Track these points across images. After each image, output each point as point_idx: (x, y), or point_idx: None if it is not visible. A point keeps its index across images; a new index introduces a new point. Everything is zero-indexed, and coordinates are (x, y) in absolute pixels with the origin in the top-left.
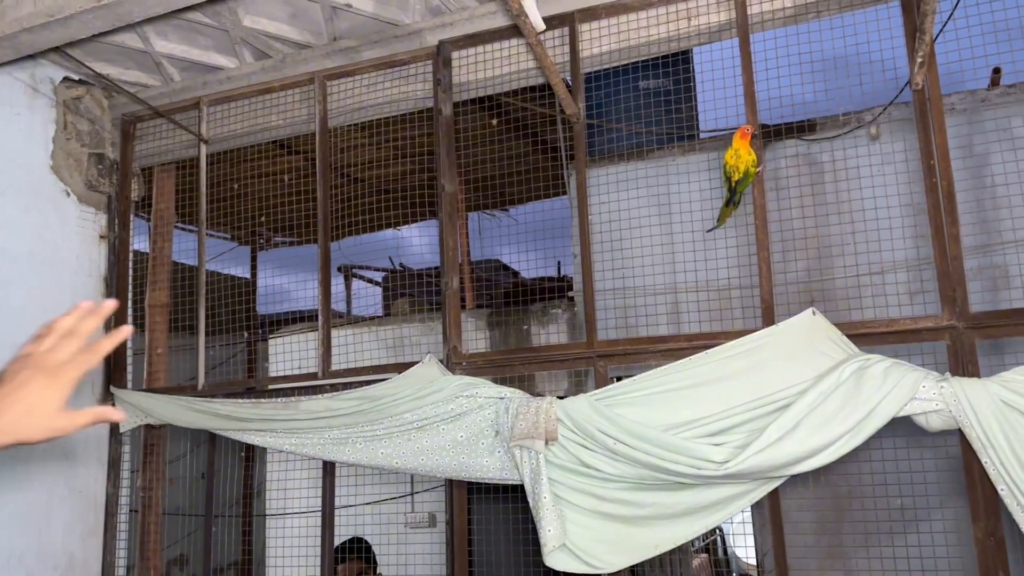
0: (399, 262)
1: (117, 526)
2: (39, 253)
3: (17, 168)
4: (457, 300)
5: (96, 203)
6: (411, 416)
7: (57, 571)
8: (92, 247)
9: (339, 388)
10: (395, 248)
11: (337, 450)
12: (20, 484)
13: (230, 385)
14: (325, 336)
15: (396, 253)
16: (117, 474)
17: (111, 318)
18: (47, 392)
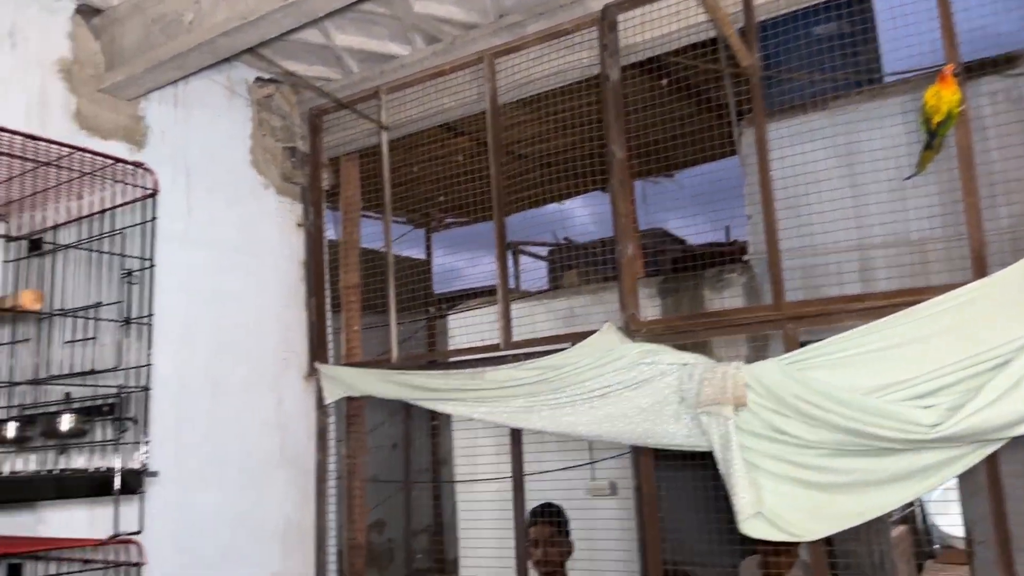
0: (564, 236)
1: (327, 491)
2: (246, 243)
3: (222, 166)
4: (633, 267)
5: (291, 194)
6: (593, 384)
7: (276, 532)
8: (291, 235)
9: (521, 358)
10: (560, 222)
11: (524, 418)
12: (242, 455)
13: (417, 358)
14: (505, 309)
15: (561, 227)
16: (324, 443)
17: (314, 298)
18: None
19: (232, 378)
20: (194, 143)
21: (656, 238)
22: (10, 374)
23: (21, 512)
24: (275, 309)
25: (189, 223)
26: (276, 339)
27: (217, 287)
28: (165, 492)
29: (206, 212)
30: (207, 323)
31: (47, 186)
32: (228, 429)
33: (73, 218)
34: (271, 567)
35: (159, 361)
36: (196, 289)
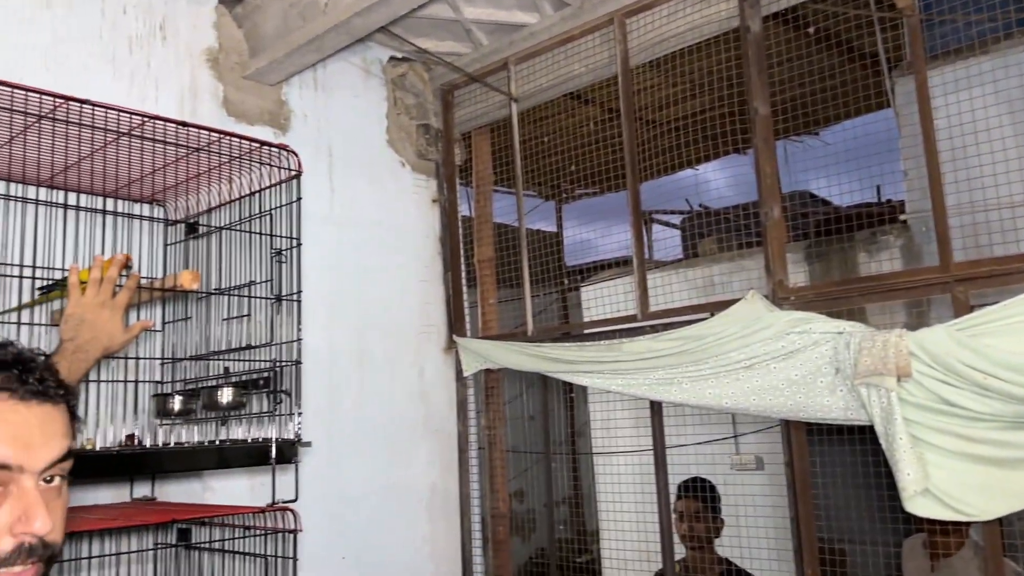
0: (699, 202)
1: (468, 461)
2: (384, 220)
3: (361, 146)
4: (780, 230)
5: (426, 170)
6: (738, 355)
7: (422, 499)
8: (426, 211)
9: (658, 329)
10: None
11: (664, 390)
12: (388, 425)
13: (552, 330)
14: (641, 278)
15: (695, 193)
16: (465, 414)
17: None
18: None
19: (377, 351)
20: (334, 125)
21: (799, 201)
22: (173, 351)
23: (190, 480)
24: (414, 284)
25: (332, 203)
26: (416, 313)
27: (360, 264)
28: (317, 461)
29: (347, 192)
30: (352, 299)
31: (199, 171)
32: (375, 400)
33: (224, 201)
34: (419, 533)
35: (309, 336)
36: (341, 266)
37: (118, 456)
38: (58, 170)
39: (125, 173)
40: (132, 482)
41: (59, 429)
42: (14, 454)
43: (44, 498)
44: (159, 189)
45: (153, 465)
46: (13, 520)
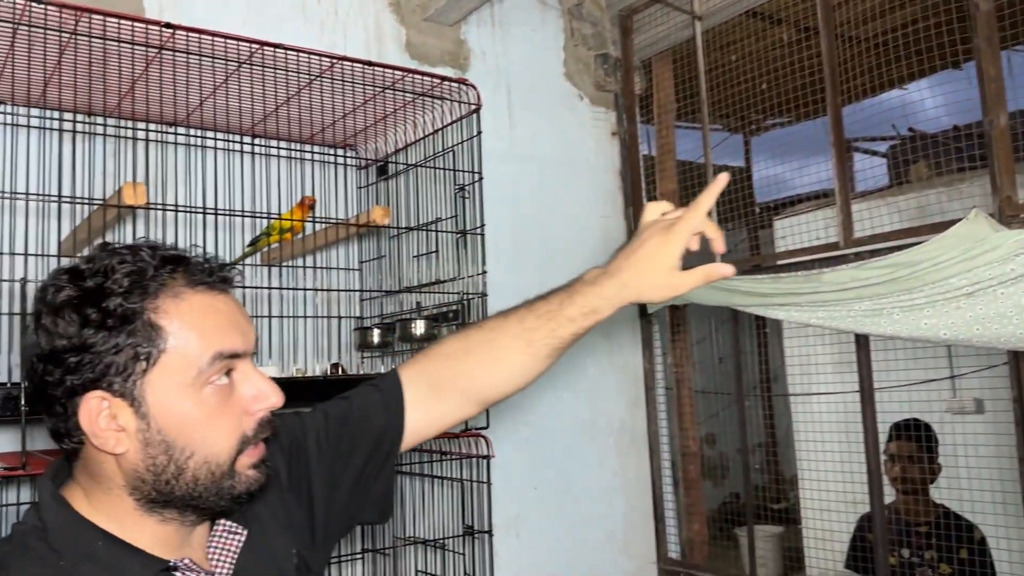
0: (907, 126)
1: (655, 399)
2: (563, 156)
3: (539, 82)
4: (1006, 141)
5: (605, 102)
6: (958, 281)
7: (611, 434)
8: (605, 144)
9: (864, 257)
10: (900, 110)
11: (870, 322)
12: (578, 364)
13: (742, 263)
14: (844, 203)
15: (901, 116)
16: (651, 352)
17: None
18: (661, 251)
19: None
20: (512, 61)
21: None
22: (368, 286)
23: None
24: (594, 220)
25: (512, 140)
26: (597, 249)
27: (540, 200)
28: None
29: (527, 128)
30: (533, 235)
31: (386, 113)
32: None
33: (410, 142)
34: (609, 467)
35: (493, 271)
36: (521, 203)
37: (324, 382)
38: (259, 119)
39: (319, 119)
40: None
41: (246, 312)
42: (241, 342)
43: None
44: (350, 133)
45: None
46: (249, 400)
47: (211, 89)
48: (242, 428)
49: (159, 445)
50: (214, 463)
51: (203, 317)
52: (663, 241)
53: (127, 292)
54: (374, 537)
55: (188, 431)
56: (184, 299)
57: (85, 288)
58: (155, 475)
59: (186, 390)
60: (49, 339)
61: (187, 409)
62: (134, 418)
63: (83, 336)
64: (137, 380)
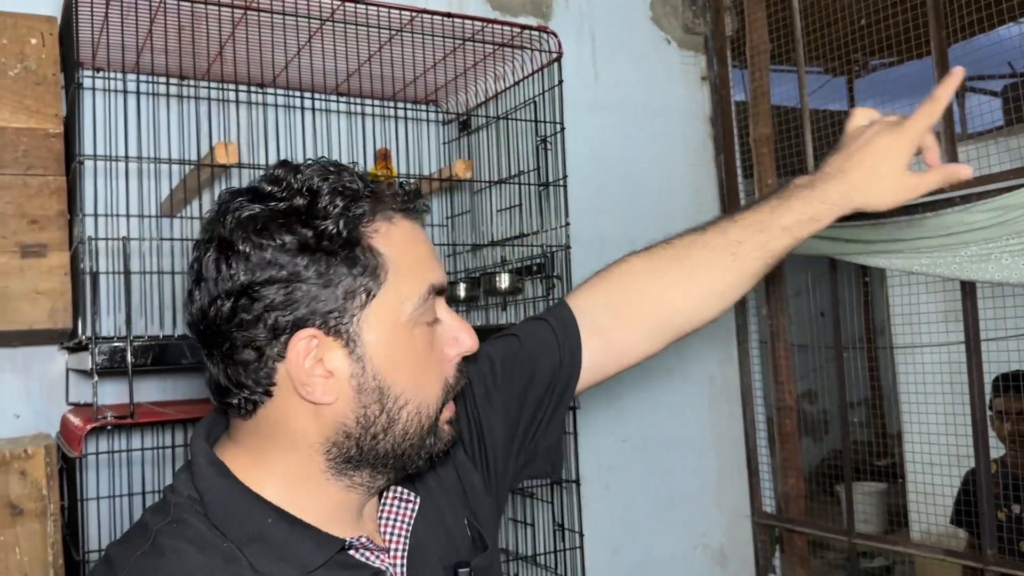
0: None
1: (748, 353)
2: (650, 104)
3: (624, 27)
4: None
5: (694, 46)
6: None
7: (701, 388)
8: (695, 90)
9: (971, 200)
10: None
11: (977, 268)
12: None
13: None
14: (949, 145)
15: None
16: (743, 305)
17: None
18: (892, 148)
19: (647, 238)
20: (596, 6)
21: None
22: (454, 240)
23: None
24: (683, 169)
25: (596, 89)
26: (686, 199)
27: (626, 150)
28: None
29: (611, 76)
30: (619, 186)
31: (466, 66)
32: None
33: (491, 96)
34: (699, 421)
35: (577, 223)
36: (607, 153)
37: None
38: (343, 78)
39: (402, 74)
40: None
41: None
42: (444, 276)
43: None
44: (433, 88)
45: None
46: (448, 343)
47: (296, 49)
48: (446, 373)
49: (373, 392)
50: (425, 413)
51: (416, 246)
52: (895, 139)
53: (343, 212)
54: None
55: (404, 376)
56: (397, 225)
57: (293, 207)
58: (364, 427)
59: (402, 328)
60: (248, 268)
61: (404, 350)
62: (347, 361)
63: (297, 264)
64: (355, 316)
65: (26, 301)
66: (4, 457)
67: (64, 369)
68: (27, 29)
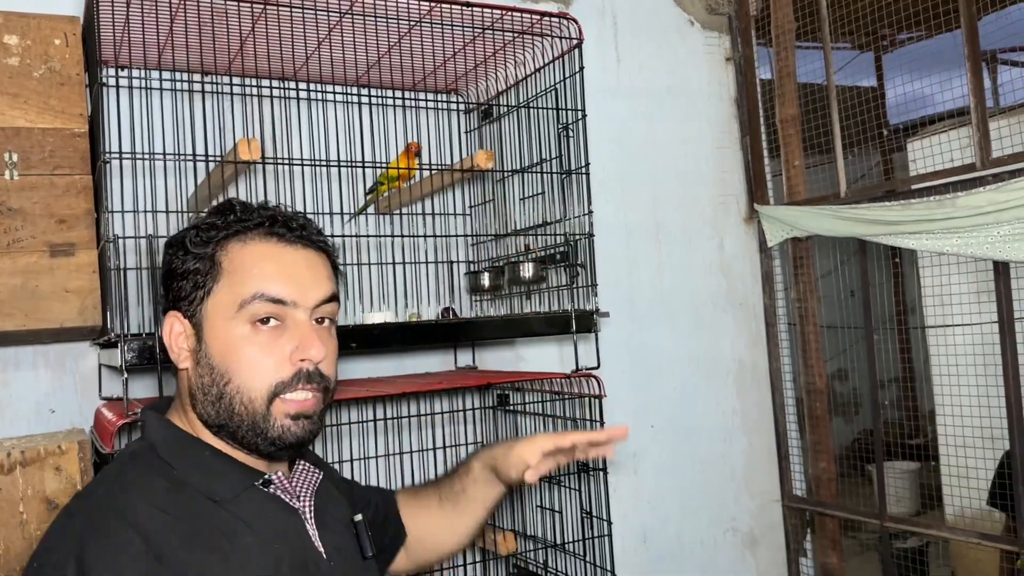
0: None
1: (778, 335)
2: (674, 86)
3: (647, 9)
4: None
5: (718, 26)
6: None
7: (730, 372)
8: (719, 71)
9: (1003, 179)
10: None
11: (1010, 248)
12: (689, 297)
13: (871, 189)
14: (980, 121)
15: None
16: (771, 287)
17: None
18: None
19: (673, 224)
20: None
21: None
22: (477, 230)
23: (504, 350)
24: (708, 152)
25: (619, 74)
26: (711, 182)
27: (650, 134)
28: (619, 332)
29: (634, 60)
30: (644, 171)
31: (486, 55)
32: (672, 273)
33: (512, 83)
34: (728, 404)
35: (601, 210)
36: (630, 138)
37: (437, 326)
38: (364, 70)
39: (420, 64)
40: (456, 351)
41: (324, 272)
42: (288, 291)
43: (317, 335)
44: (454, 78)
45: (468, 334)
46: (291, 349)
47: (316, 43)
48: (280, 373)
49: (206, 366)
50: (247, 396)
51: (259, 261)
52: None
53: (204, 235)
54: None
55: (228, 358)
56: (249, 245)
57: (183, 232)
58: (204, 394)
59: (231, 321)
60: (161, 268)
61: (230, 338)
62: (194, 339)
63: (170, 264)
64: (199, 306)
65: (56, 299)
66: (39, 453)
67: (97, 364)
68: (50, 30)
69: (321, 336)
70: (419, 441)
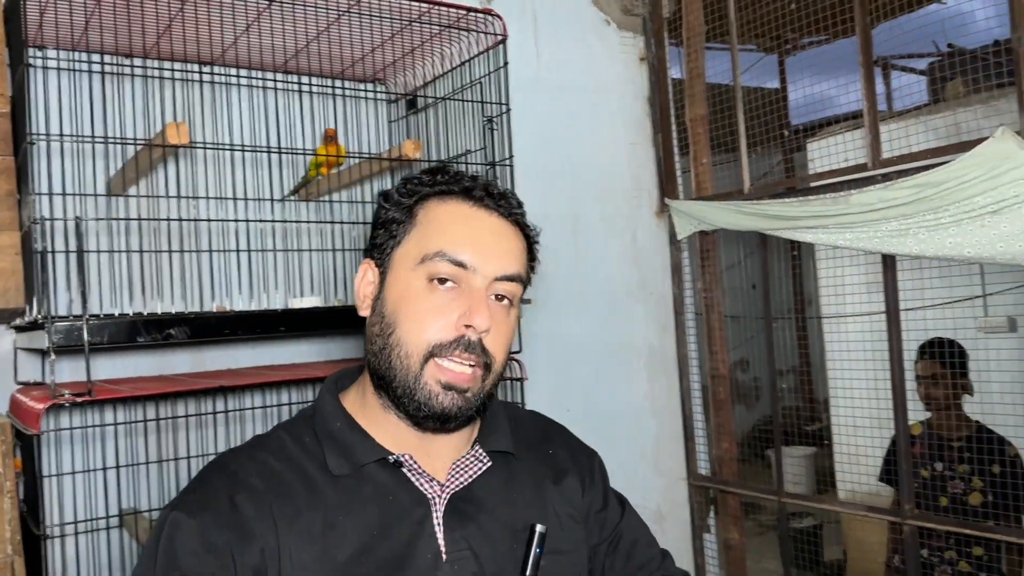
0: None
1: (685, 324)
2: (590, 84)
3: (566, 8)
4: None
5: (633, 27)
6: (983, 199)
7: (641, 358)
8: (634, 70)
9: (892, 178)
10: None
11: (897, 242)
12: (603, 287)
13: (772, 186)
14: (872, 124)
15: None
16: (680, 278)
17: (660, 134)
18: None
19: (588, 215)
20: None
21: None
22: None
23: None
24: (623, 147)
25: (538, 68)
26: (626, 177)
27: (569, 129)
28: (540, 318)
29: (553, 56)
30: (563, 164)
31: (413, 46)
32: (589, 263)
33: (438, 75)
34: (640, 390)
35: (523, 200)
36: (550, 132)
37: None
38: (290, 56)
39: (348, 53)
40: None
41: (513, 247)
42: (470, 255)
43: (493, 311)
44: (379, 68)
45: None
46: (459, 315)
47: (244, 27)
48: (442, 334)
49: (379, 314)
50: (404, 349)
51: (450, 221)
52: None
53: (409, 189)
54: None
55: (399, 308)
56: (445, 203)
57: (392, 188)
58: (371, 343)
59: (411, 273)
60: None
61: (406, 290)
62: (376, 286)
63: (376, 214)
64: (388, 255)
65: None
66: None
67: (12, 348)
68: None
69: (494, 311)
70: None
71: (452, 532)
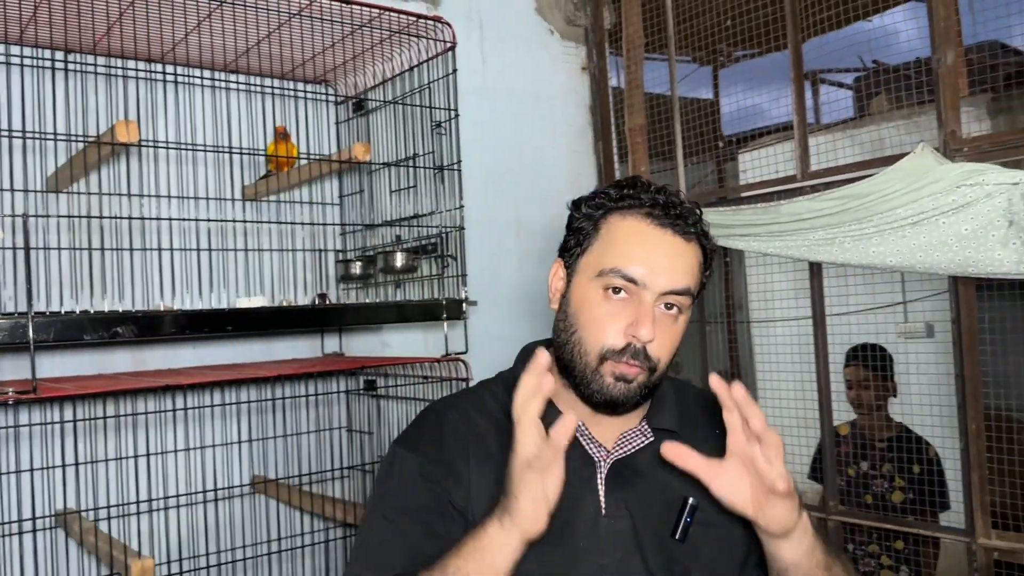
0: (872, 59)
1: None
2: (533, 90)
3: (510, 16)
4: (954, 79)
5: (575, 37)
6: (904, 211)
7: None
8: (576, 79)
9: (819, 190)
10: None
11: (823, 250)
12: (545, 293)
13: (706, 195)
14: (801, 137)
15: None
16: None
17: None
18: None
19: (533, 220)
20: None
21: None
22: (349, 220)
23: (370, 336)
24: (564, 154)
25: (484, 75)
26: (568, 183)
27: (514, 135)
28: (484, 319)
29: (498, 63)
30: (508, 170)
31: (362, 49)
32: (532, 265)
33: (387, 78)
34: None
35: (470, 204)
36: (496, 138)
37: (314, 311)
38: (239, 55)
39: (297, 55)
40: (323, 338)
41: (687, 263)
42: (641, 273)
43: (659, 320)
44: (327, 69)
45: (342, 319)
46: (627, 324)
47: (192, 25)
48: (614, 340)
49: (563, 312)
50: (583, 348)
51: (626, 238)
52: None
53: (596, 201)
54: (362, 454)
55: (579, 312)
56: (625, 220)
57: (584, 197)
58: (557, 335)
59: (590, 282)
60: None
61: (585, 296)
62: (564, 286)
63: (569, 219)
64: (575, 260)
65: None
66: None
67: None
68: None
69: (661, 321)
70: (284, 426)
71: (612, 493)
